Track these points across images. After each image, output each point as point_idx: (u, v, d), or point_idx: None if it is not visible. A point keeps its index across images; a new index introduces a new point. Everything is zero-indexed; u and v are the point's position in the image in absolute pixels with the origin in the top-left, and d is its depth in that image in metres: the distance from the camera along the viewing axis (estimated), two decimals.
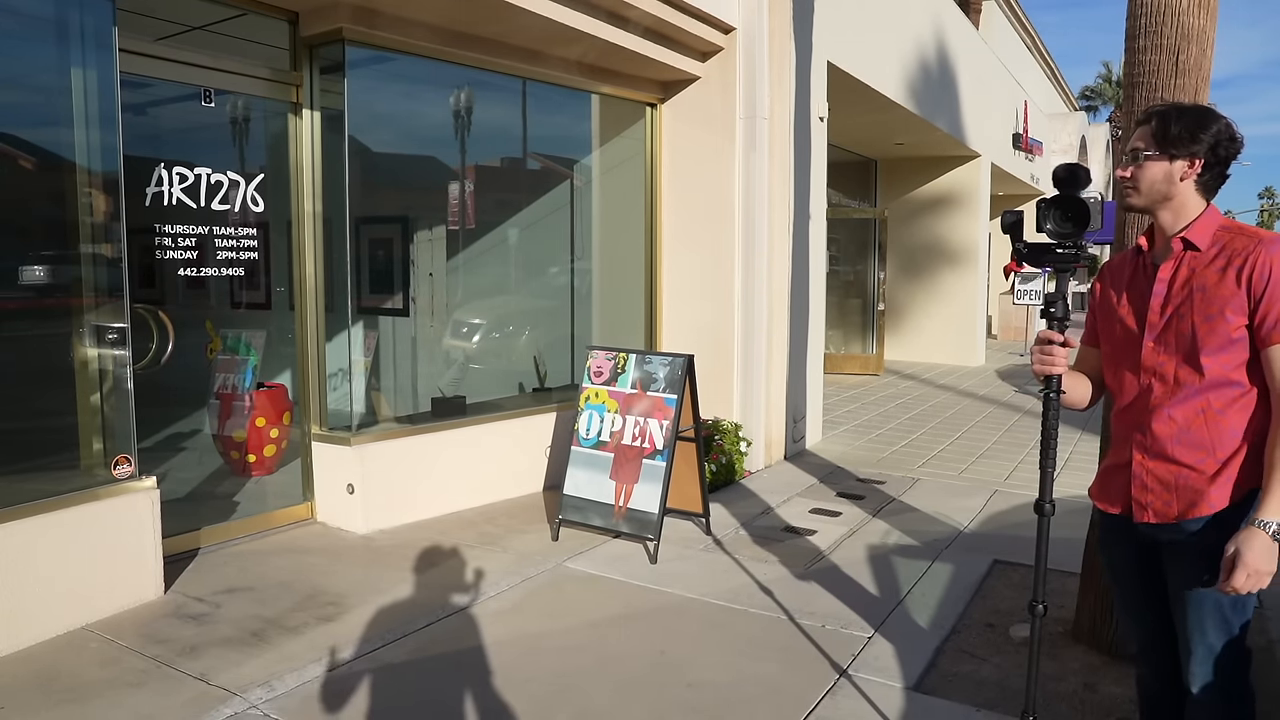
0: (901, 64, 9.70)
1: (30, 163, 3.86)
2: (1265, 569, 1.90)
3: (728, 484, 6.08)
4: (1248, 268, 1.97)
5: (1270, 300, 1.94)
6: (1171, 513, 2.08)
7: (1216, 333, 2.00)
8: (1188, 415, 2.05)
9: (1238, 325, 1.98)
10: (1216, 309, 1.99)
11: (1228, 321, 1.98)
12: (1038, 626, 2.32)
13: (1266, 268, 1.94)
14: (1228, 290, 1.98)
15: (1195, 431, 2.05)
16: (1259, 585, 1.93)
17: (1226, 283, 1.99)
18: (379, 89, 5.34)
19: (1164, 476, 2.09)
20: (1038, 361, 2.17)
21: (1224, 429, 2.02)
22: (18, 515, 3.51)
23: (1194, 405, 2.04)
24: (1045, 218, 2.14)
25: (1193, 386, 2.04)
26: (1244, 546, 1.91)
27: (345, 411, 5.14)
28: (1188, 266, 2.06)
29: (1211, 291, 2.00)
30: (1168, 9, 3.54)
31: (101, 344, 3.89)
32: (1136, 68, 3.66)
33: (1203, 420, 2.04)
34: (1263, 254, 1.96)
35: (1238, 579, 1.92)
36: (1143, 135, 2.09)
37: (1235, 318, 1.98)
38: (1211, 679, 2.09)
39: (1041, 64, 25.39)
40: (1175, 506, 2.07)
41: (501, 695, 3.18)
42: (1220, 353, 2.00)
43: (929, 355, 14.08)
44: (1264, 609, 4.00)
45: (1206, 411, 2.03)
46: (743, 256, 6.59)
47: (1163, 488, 2.10)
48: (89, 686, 3.18)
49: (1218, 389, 2.02)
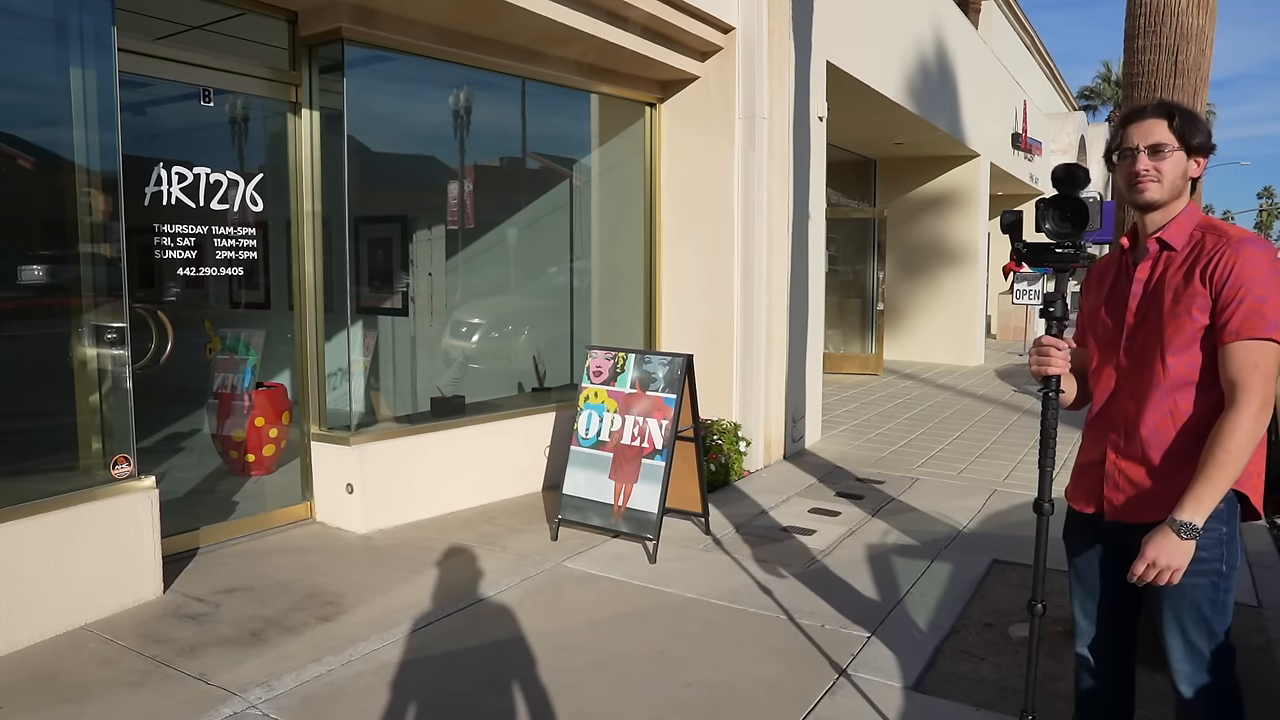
0: (901, 64, 9.70)
1: (29, 162, 3.86)
2: (1163, 564, 1.94)
3: (727, 484, 6.08)
4: (1212, 265, 1.99)
5: (1227, 299, 1.96)
6: (1145, 512, 2.08)
7: (1182, 331, 2.02)
8: (1158, 416, 2.07)
9: (1201, 324, 2.00)
10: (1184, 307, 2.02)
11: (1193, 320, 2.00)
12: (1036, 626, 2.32)
13: (1229, 267, 1.96)
14: (1194, 288, 2.01)
15: (1164, 432, 2.07)
16: (1161, 580, 1.96)
17: (1193, 281, 2.01)
18: (378, 89, 5.34)
19: (1135, 476, 2.11)
20: (1035, 362, 2.17)
21: (1191, 430, 2.03)
22: (17, 515, 3.50)
23: (1163, 406, 2.06)
24: (1044, 218, 2.14)
25: (1162, 387, 2.06)
26: (1150, 539, 1.96)
27: (344, 411, 5.14)
28: (1161, 266, 2.10)
29: (1180, 291, 2.03)
30: (1167, 9, 3.55)
31: (100, 344, 3.89)
32: (1136, 67, 3.66)
33: (1171, 422, 2.06)
34: (1228, 253, 1.98)
35: (1137, 567, 1.97)
36: (1161, 131, 2.08)
37: (1199, 316, 2.00)
38: (1195, 675, 2.11)
39: (1040, 64, 25.39)
40: (1149, 506, 2.08)
41: (501, 695, 3.18)
42: (1184, 351, 2.02)
43: (928, 355, 14.08)
44: (1264, 609, 4.00)
45: (1175, 413, 2.05)
46: (742, 256, 6.60)
47: (1134, 487, 2.12)
48: (88, 686, 3.18)
49: (1184, 389, 2.04)
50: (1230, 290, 1.95)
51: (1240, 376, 1.94)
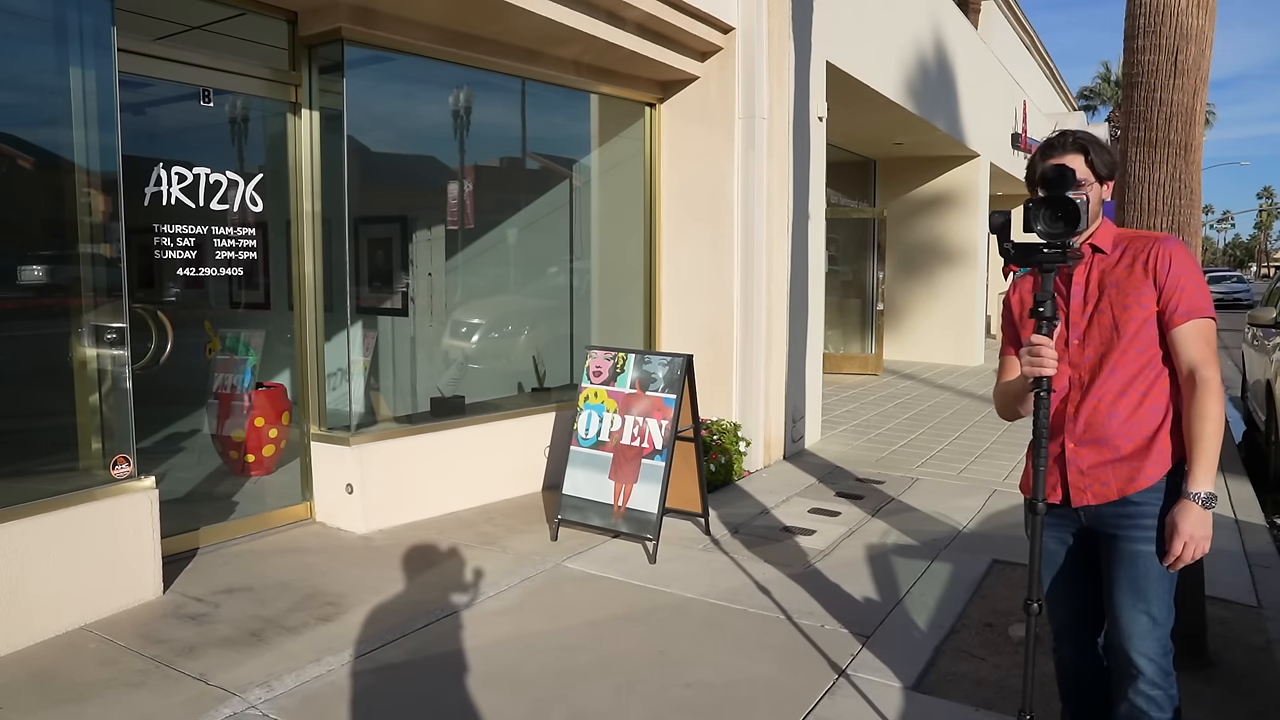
0: (900, 64, 9.71)
1: (29, 162, 3.86)
2: (1200, 535, 2.13)
3: (726, 484, 6.08)
4: (1151, 259, 2.22)
5: (1172, 286, 2.19)
6: (1110, 492, 2.25)
7: (1133, 319, 2.22)
8: (1114, 399, 2.24)
9: (1149, 311, 2.21)
10: (1132, 298, 2.22)
11: (1142, 309, 2.21)
12: (1033, 625, 2.32)
13: (1167, 258, 2.21)
14: (1137, 280, 2.23)
15: (1122, 413, 2.24)
16: (1199, 551, 2.14)
17: (1135, 275, 2.23)
18: (378, 89, 5.34)
19: (1097, 459, 2.26)
20: (1027, 363, 2.19)
21: (1147, 409, 2.23)
22: (16, 515, 3.50)
23: (1118, 389, 2.24)
24: (1035, 218, 2.16)
25: (1116, 372, 2.24)
26: (1179, 518, 2.14)
27: (344, 411, 5.14)
28: (1098, 268, 2.29)
29: (1124, 284, 2.24)
30: (1167, 9, 3.55)
31: (100, 344, 3.89)
32: (1135, 68, 3.67)
33: (1127, 403, 2.24)
34: (1162, 248, 2.23)
35: (1176, 547, 2.14)
36: (1080, 166, 2.25)
37: (1147, 304, 2.21)
38: (1155, 650, 2.22)
39: (1040, 64, 25.40)
40: (1114, 485, 2.25)
41: (500, 695, 3.18)
42: (1136, 338, 2.22)
43: (928, 355, 14.08)
44: (1264, 609, 4.00)
45: (1130, 394, 2.23)
46: (742, 256, 6.60)
47: (1096, 469, 2.27)
48: (87, 686, 3.18)
49: (1139, 373, 2.23)
50: (1174, 278, 2.19)
51: (1199, 354, 2.17)
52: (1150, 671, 2.21)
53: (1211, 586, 3.79)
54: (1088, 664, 2.47)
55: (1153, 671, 2.21)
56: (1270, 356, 7.62)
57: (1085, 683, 2.49)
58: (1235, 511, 5.53)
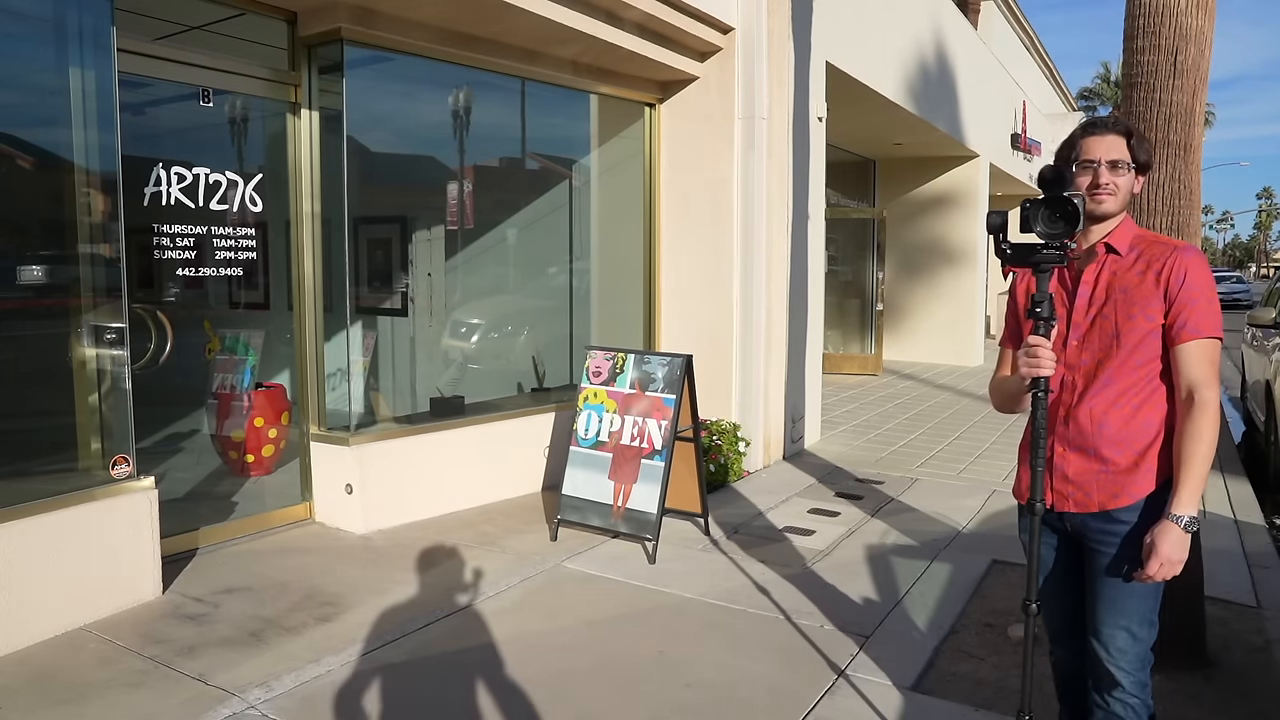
0: (900, 64, 9.71)
1: (28, 163, 3.86)
2: (1176, 559, 2.09)
3: (726, 484, 6.08)
4: (1165, 270, 2.14)
5: (1183, 301, 2.12)
6: (1092, 503, 2.22)
7: (1136, 330, 2.16)
8: (1106, 410, 2.19)
9: (1154, 324, 2.15)
10: (1138, 309, 2.16)
11: (1148, 320, 2.15)
12: (1031, 625, 2.32)
13: (1182, 271, 2.13)
14: (1147, 290, 2.15)
15: (1113, 425, 2.19)
16: (1171, 573, 2.10)
17: (1146, 283, 2.16)
18: (377, 89, 5.34)
19: (1083, 467, 2.23)
20: (1024, 364, 2.19)
21: (1139, 423, 2.18)
22: (16, 515, 3.50)
23: (1112, 400, 2.19)
24: (1034, 219, 2.15)
25: (1112, 383, 2.19)
26: (1159, 538, 2.09)
27: (344, 411, 5.14)
28: (1109, 270, 2.22)
29: (1133, 292, 2.17)
30: (1166, 10, 3.55)
31: (100, 344, 3.89)
32: (1135, 68, 3.67)
33: (1119, 415, 2.19)
34: (1178, 259, 2.14)
35: (1151, 567, 2.10)
36: (1121, 148, 2.20)
37: (1153, 316, 2.15)
38: (1133, 664, 2.22)
39: (1040, 64, 25.40)
40: (1096, 497, 2.22)
41: (500, 696, 3.18)
42: (1137, 350, 2.16)
43: (928, 355, 14.08)
44: (1263, 609, 4.00)
45: (1123, 406, 2.18)
46: (741, 256, 6.60)
47: (1082, 478, 2.23)
48: (87, 687, 3.18)
49: (1134, 385, 2.18)
50: (1186, 293, 2.12)
51: (1201, 374, 2.11)
52: (1128, 684, 2.23)
53: (1211, 586, 3.80)
54: (1082, 666, 2.46)
55: (1130, 683, 2.23)
56: (1270, 357, 7.62)
57: (1081, 684, 2.49)
58: (1235, 512, 5.53)
